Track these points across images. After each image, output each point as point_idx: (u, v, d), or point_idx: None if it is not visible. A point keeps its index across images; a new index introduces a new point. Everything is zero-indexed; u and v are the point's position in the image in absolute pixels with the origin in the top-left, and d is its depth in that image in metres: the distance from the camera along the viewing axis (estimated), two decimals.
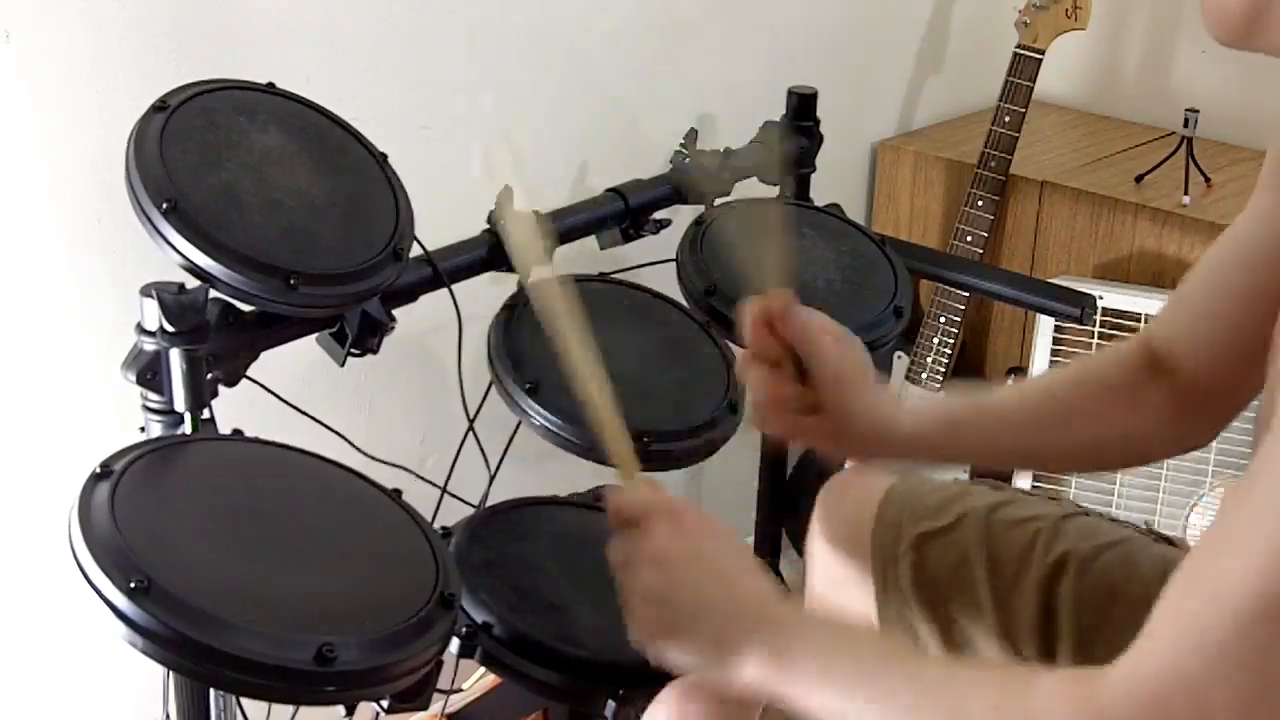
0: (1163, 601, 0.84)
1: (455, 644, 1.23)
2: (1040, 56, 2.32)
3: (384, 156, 1.43)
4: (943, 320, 2.39)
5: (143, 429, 1.28)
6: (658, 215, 1.73)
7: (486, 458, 1.52)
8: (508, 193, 1.22)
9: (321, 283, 1.30)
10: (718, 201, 1.77)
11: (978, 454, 1.25)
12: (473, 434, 1.51)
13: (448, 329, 1.49)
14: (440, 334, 1.54)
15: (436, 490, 1.52)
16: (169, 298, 1.21)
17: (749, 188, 1.85)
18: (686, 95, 2.18)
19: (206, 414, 1.28)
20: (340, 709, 1.10)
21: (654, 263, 1.68)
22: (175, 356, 1.24)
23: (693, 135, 1.79)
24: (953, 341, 2.39)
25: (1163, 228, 2.29)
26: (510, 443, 1.51)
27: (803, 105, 1.90)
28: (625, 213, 1.68)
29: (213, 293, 1.25)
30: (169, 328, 1.22)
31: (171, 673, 1.24)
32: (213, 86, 1.35)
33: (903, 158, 2.55)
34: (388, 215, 1.38)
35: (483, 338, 1.46)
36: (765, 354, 1.15)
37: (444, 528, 1.36)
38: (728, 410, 1.48)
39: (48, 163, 1.54)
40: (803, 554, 1.37)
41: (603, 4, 2.03)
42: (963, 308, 2.37)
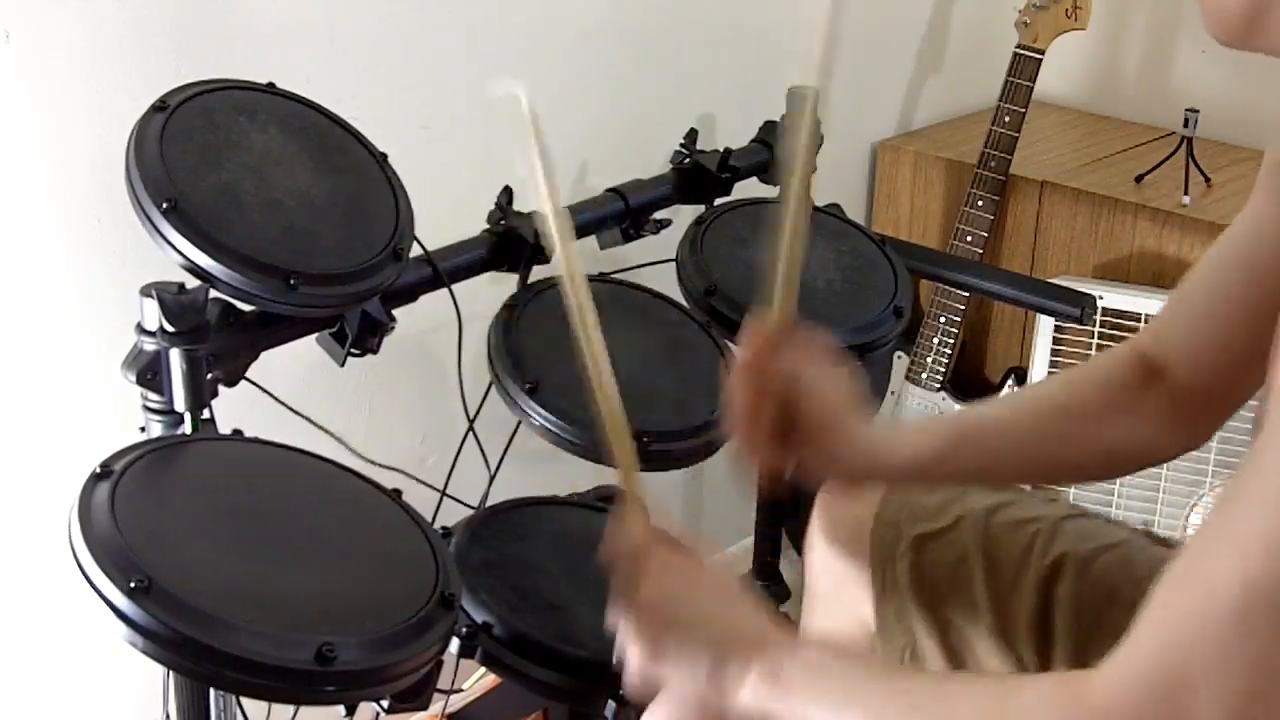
0: (1153, 600, 0.84)
1: (455, 644, 1.23)
2: (1040, 56, 2.32)
3: (384, 156, 1.43)
4: (943, 320, 2.39)
5: (143, 429, 1.28)
6: (658, 215, 1.73)
7: (486, 458, 1.52)
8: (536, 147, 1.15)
9: (321, 283, 1.30)
10: (718, 201, 1.77)
11: (972, 477, 1.24)
12: (473, 434, 1.51)
13: (448, 329, 1.49)
14: (440, 334, 1.54)
15: (436, 491, 1.52)
16: (169, 298, 1.22)
17: (749, 188, 1.85)
18: (686, 95, 2.18)
19: (206, 414, 1.28)
20: (340, 709, 1.11)
21: (654, 263, 1.68)
22: (175, 356, 1.24)
23: (693, 135, 1.79)
24: (953, 341, 2.39)
25: (1163, 228, 2.29)
26: (510, 443, 1.51)
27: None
28: (625, 213, 1.68)
29: (213, 293, 1.26)
30: (169, 328, 1.22)
31: (171, 673, 1.24)
32: (213, 86, 1.36)
33: (903, 158, 2.55)
34: (388, 215, 1.38)
35: (483, 338, 1.46)
36: (756, 384, 1.14)
37: (444, 528, 1.36)
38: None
39: (48, 163, 1.54)
40: (802, 554, 1.37)
41: (603, 4, 2.03)
42: (963, 308, 2.37)
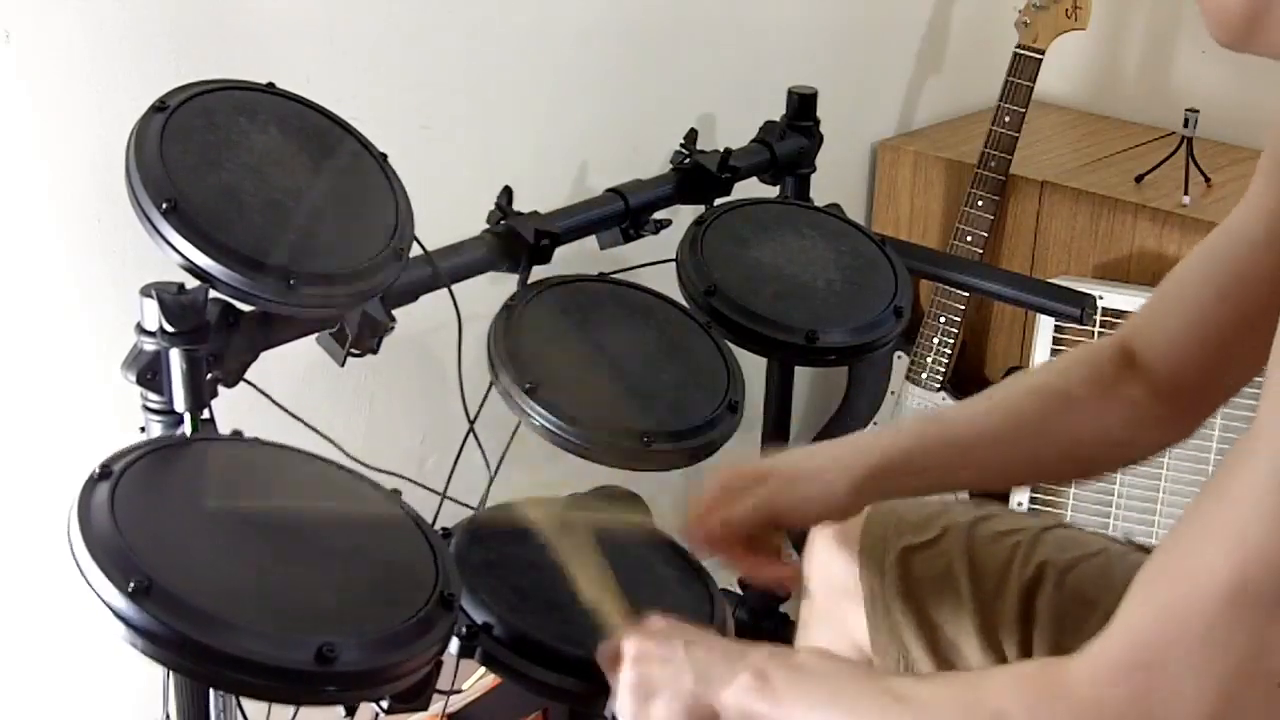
0: (1133, 591, 0.84)
1: (455, 644, 1.23)
2: (1040, 56, 2.32)
3: (384, 156, 1.43)
4: (943, 320, 2.39)
5: (143, 429, 1.28)
6: (658, 215, 1.73)
7: (486, 458, 1.52)
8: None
9: (321, 283, 1.30)
10: (718, 201, 1.77)
11: (948, 478, 1.25)
12: (473, 434, 1.51)
13: (448, 329, 1.49)
14: (440, 334, 1.54)
15: (436, 491, 1.51)
16: (169, 298, 1.21)
17: (749, 188, 1.85)
18: (686, 95, 2.18)
19: (206, 414, 1.28)
20: (340, 709, 1.10)
21: (654, 263, 1.68)
22: (175, 357, 1.24)
23: (693, 135, 1.79)
24: (953, 341, 2.39)
25: (1163, 228, 2.29)
26: (510, 443, 1.51)
27: (803, 105, 1.90)
28: (625, 213, 1.68)
29: (213, 293, 1.25)
30: (169, 328, 1.22)
31: (171, 673, 1.24)
32: (213, 86, 1.35)
33: (903, 158, 2.55)
34: (388, 215, 1.38)
35: (483, 338, 1.46)
36: (724, 548, 1.21)
37: (444, 528, 1.36)
38: (728, 410, 1.48)
39: (48, 163, 1.54)
40: (801, 554, 1.38)
41: (603, 4, 2.03)
42: (963, 308, 2.37)
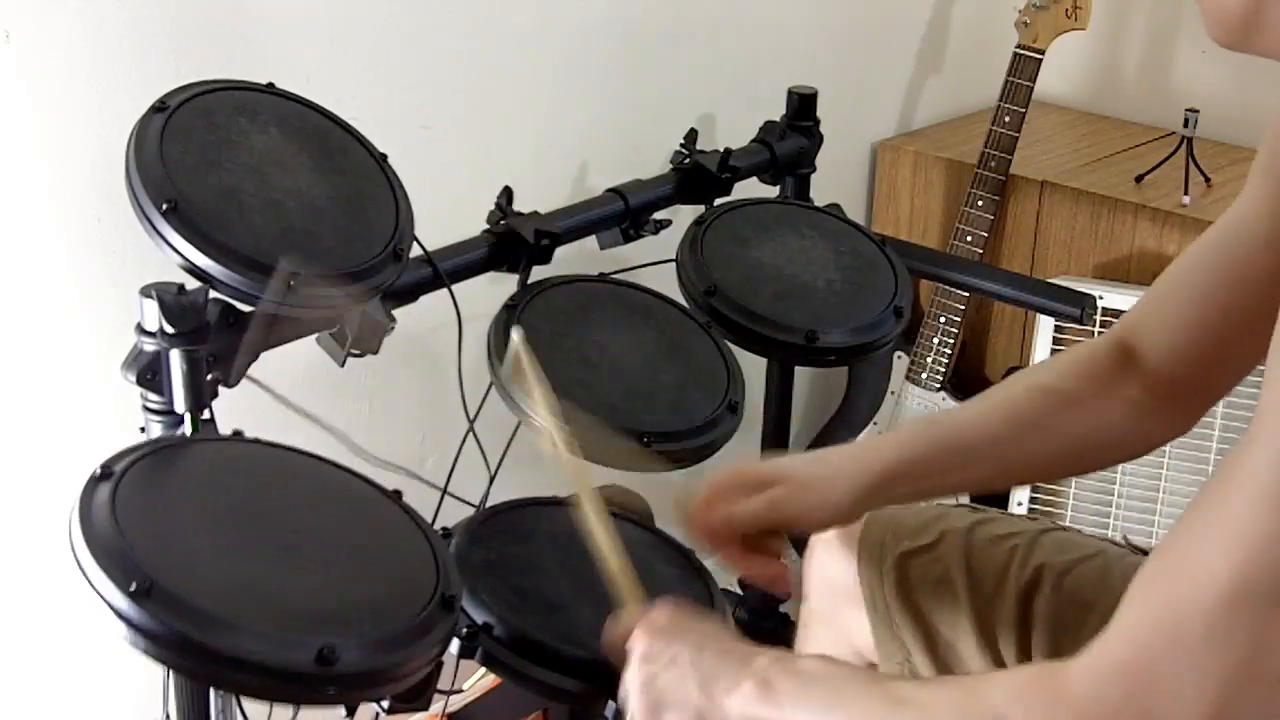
0: (1134, 588, 0.84)
1: (456, 644, 1.23)
2: (1040, 56, 2.32)
3: (384, 156, 1.43)
4: (943, 320, 2.39)
5: (143, 429, 1.28)
6: (658, 215, 1.73)
7: (486, 458, 1.52)
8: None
9: (321, 283, 1.30)
10: (718, 201, 1.77)
11: (950, 480, 1.24)
12: (473, 434, 1.51)
13: (448, 329, 1.49)
14: (440, 334, 1.54)
15: (436, 491, 1.51)
16: (169, 298, 1.21)
17: (749, 188, 1.85)
18: (686, 95, 2.18)
19: (206, 414, 1.28)
20: (341, 710, 1.10)
21: (654, 263, 1.68)
22: (175, 357, 1.24)
23: (693, 135, 1.79)
24: (953, 341, 2.39)
25: (1163, 228, 2.29)
26: (510, 443, 1.51)
27: (803, 105, 1.90)
28: (625, 213, 1.68)
29: (213, 293, 1.25)
30: (169, 328, 1.22)
31: (171, 673, 1.24)
32: (213, 86, 1.35)
33: (903, 158, 2.55)
34: (388, 215, 1.38)
35: (483, 338, 1.46)
36: (723, 545, 1.21)
37: (444, 528, 1.36)
38: (728, 410, 1.48)
39: (48, 163, 1.54)
40: (802, 554, 1.38)
41: (603, 4, 2.03)
42: (963, 308, 2.37)
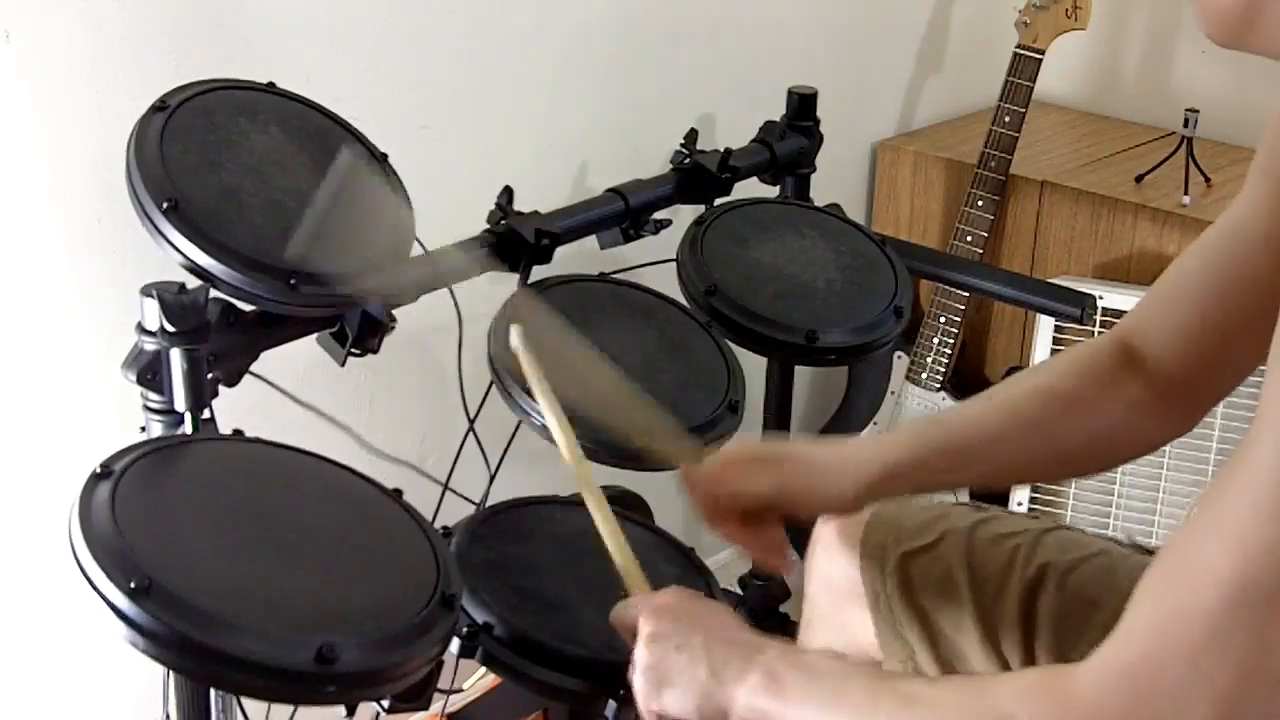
0: (1139, 594, 0.84)
1: (456, 644, 1.23)
2: (1040, 56, 2.32)
3: (384, 156, 1.43)
4: (943, 320, 2.39)
5: (143, 429, 1.28)
6: (658, 215, 1.73)
7: (487, 458, 1.52)
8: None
9: (321, 283, 1.30)
10: (718, 201, 1.77)
11: (953, 478, 1.26)
12: (473, 434, 1.51)
13: (448, 329, 1.49)
14: (440, 334, 1.54)
15: (436, 491, 1.52)
16: (170, 297, 1.21)
17: (749, 188, 1.85)
18: (686, 95, 2.18)
19: (207, 414, 1.28)
20: (341, 709, 1.10)
21: (654, 263, 1.68)
22: (176, 356, 1.24)
23: (693, 135, 1.79)
24: (953, 341, 2.39)
25: (1163, 228, 2.29)
26: (510, 443, 1.51)
27: (803, 105, 1.90)
28: (625, 213, 1.68)
29: (213, 292, 1.25)
30: (169, 327, 1.22)
31: (171, 673, 1.24)
32: (213, 86, 1.36)
33: (903, 158, 2.55)
34: (388, 215, 1.38)
35: (483, 338, 1.46)
36: (724, 516, 1.23)
37: (444, 528, 1.36)
38: (728, 410, 1.48)
39: (48, 163, 1.54)
40: (803, 556, 1.38)
41: (603, 4, 2.03)
42: (963, 308, 2.37)
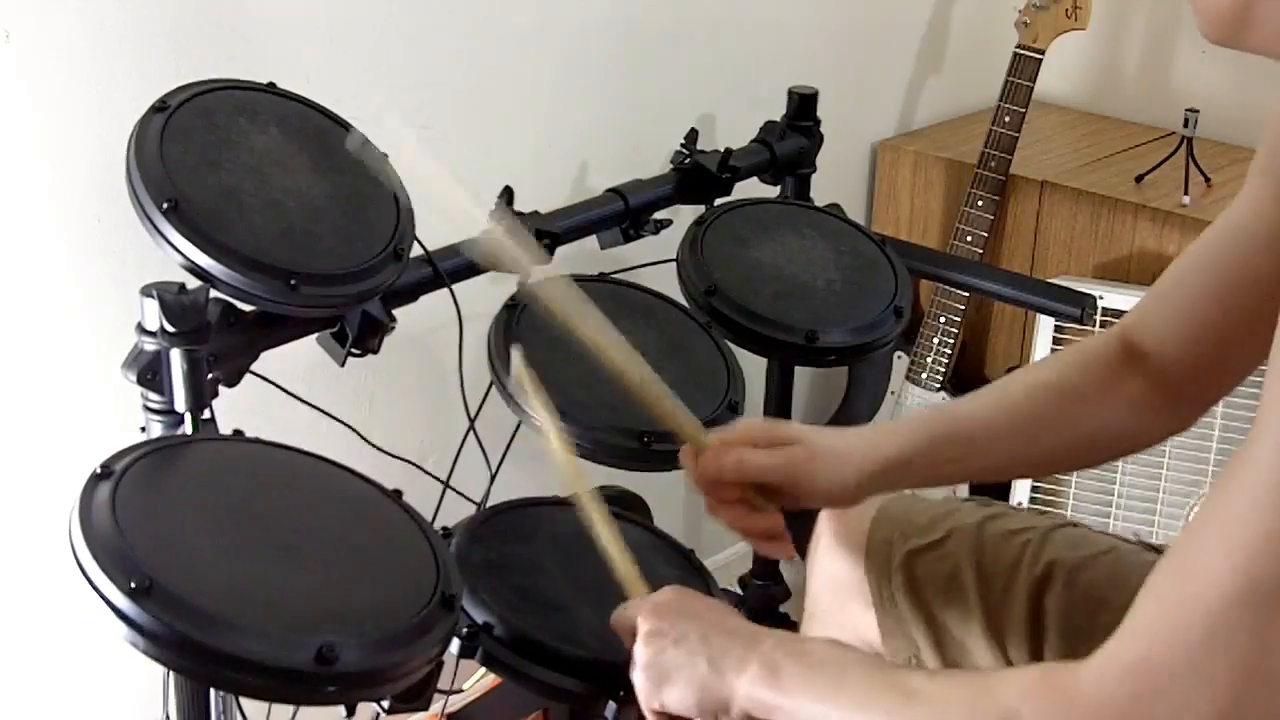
0: (1143, 593, 0.84)
1: (456, 644, 1.23)
2: (1040, 56, 2.32)
3: (384, 156, 1.43)
4: (943, 320, 2.39)
5: (143, 429, 1.28)
6: (658, 215, 1.73)
7: (487, 458, 1.52)
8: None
9: (322, 283, 1.30)
10: (718, 201, 1.77)
11: (956, 470, 1.26)
12: (473, 434, 1.51)
13: (448, 329, 1.49)
14: (440, 334, 1.54)
15: (436, 491, 1.52)
16: (170, 298, 1.21)
17: (749, 188, 1.85)
18: (686, 95, 2.18)
19: (207, 414, 1.28)
20: (341, 709, 1.10)
21: (654, 263, 1.68)
22: (176, 356, 1.24)
23: (693, 135, 1.79)
24: (953, 341, 2.39)
25: (1163, 228, 2.29)
26: (510, 443, 1.51)
27: (803, 105, 1.90)
28: (625, 213, 1.68)
29: (213, 293, 1.25)
30: (169, 328, 1.22)
31: (171, 673, 1.24)
32: (213, 86, 1.35)
33: (903, 158, 2.55)
34: (388, 215, 1.38)
35: (483, 338, 1.46)
36: (724, 497, 1.22)
37: (444, 528, 1.36)
38: (728, 410, 1.48)
39: (48, 163, 1.54)
40: (804, 556, 1.38)
41: (603, 4, 2.03)
42: (963, 308, 2.37)
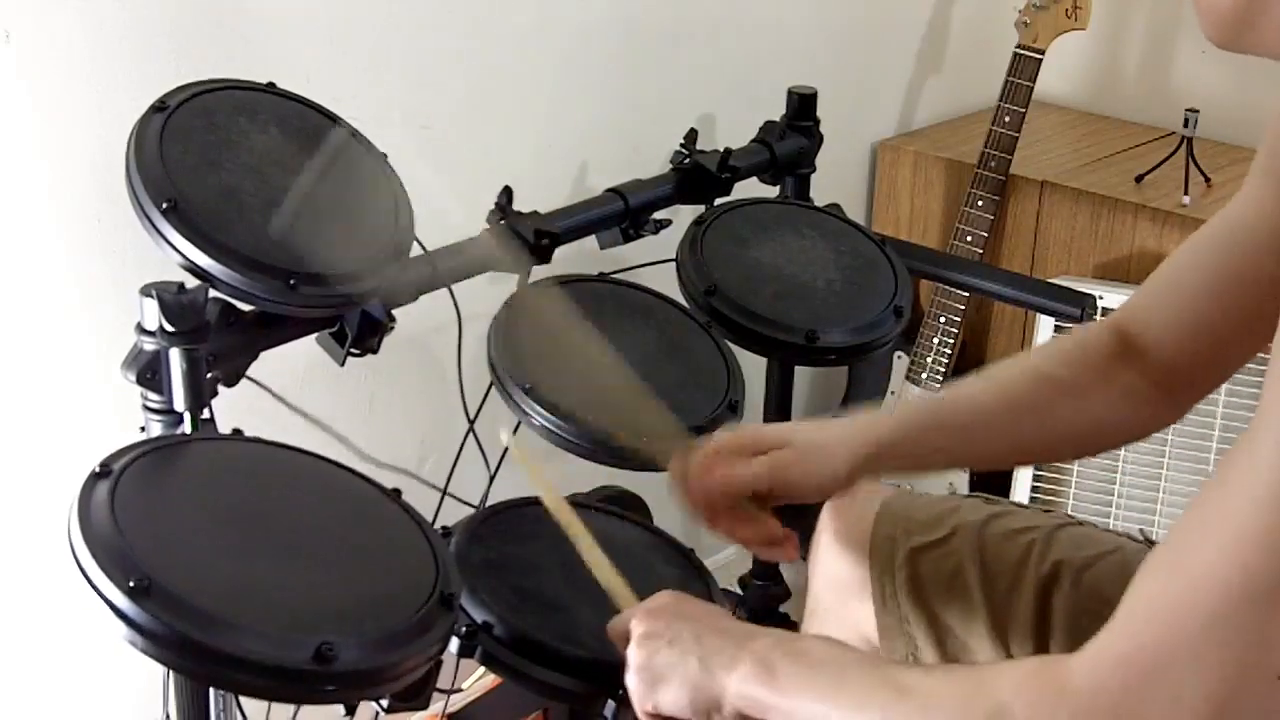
0: (1134, 587, 0.84)
1: (455, 644, 1.23)
2: (1040, 56, 2.32)
3: (384, 156, 1.43)
4: (943, 320, 2.39)
5: (143, 429, 1.28)
6: (658, 215, 1.73)
7: (487, 458, 1.52)
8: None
9: (321, 283, 1.30)
10: (718, 201, 1.77)
11: (947, 457, 1.27)
12: (473, 434, 1.51)
13: (448, 329, 1.49)
14: (440, 334, 1.54)
15: (436, 491, 1.52)
16: (169, 297, 1.22)
17: (749, 188, 1.85)
18: (686, 95, 2.18)
19: (206, 414, 1.28)
20: (340, 708, 1.10)
21: (654, 263, 1.68)
22: (175, 356, 1.24)
23: (693, 135, 1.79)
24: (953, 341, 2.39)
25: (1163, 228, 2.29)
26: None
27: (803, 105, 1.90)
28: (625, 213, 1.68)
29: (213, 292, 1.26)
30: (169, 327, 1.22)
31: (171, 672, 1.24)
32: (213, 86, 1.36)
33: (903, 158, 2.55)
34: (388, 215, 1.38)
35: (483, 338, 1.46)
36: (717, 510, 1.23)
37: (444, 527, 1.36)
38: (728, 410, 1.48)
39: (48, 163, 1.54)
40: (805, 557, 1.37)
41: (603, 4, 2.03)
42: (963, 308, 2.37)
